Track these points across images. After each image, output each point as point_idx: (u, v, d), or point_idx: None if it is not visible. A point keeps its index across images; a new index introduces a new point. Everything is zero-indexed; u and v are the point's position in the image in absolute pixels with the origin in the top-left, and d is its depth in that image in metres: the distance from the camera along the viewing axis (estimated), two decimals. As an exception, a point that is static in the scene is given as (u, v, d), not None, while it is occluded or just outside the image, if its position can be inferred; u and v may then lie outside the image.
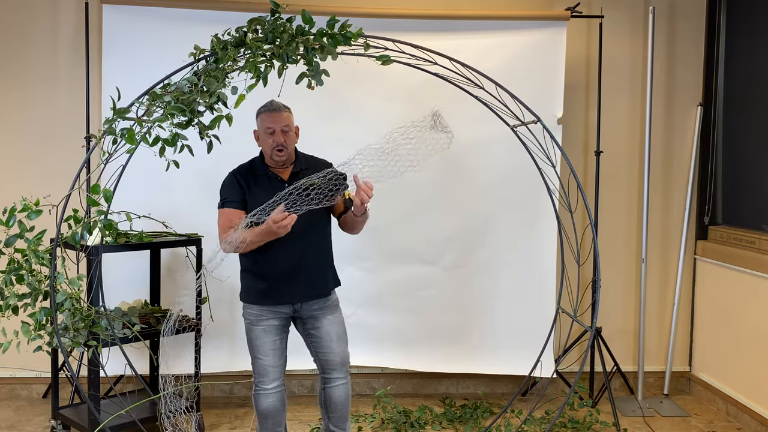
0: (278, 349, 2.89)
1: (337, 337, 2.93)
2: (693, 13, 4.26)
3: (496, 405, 4.04)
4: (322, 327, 2.92)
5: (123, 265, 3.76)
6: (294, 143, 2.92)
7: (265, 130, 2.85)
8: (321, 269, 2.93)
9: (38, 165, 3.99)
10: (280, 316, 2.89)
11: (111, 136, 2.53)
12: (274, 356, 2.87)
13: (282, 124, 2.83)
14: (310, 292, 2.89)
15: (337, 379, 2.95)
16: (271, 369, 2.86)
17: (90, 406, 2.99)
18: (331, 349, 2.92)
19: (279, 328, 2.89)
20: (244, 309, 2.94)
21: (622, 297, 4.34)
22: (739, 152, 4.02)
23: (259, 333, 2.86)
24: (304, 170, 2.90)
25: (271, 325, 2.87)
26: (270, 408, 2.88)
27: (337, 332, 2.93)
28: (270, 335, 2.86)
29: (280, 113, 2.84)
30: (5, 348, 2.74)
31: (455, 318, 4.07)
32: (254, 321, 2.88)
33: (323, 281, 2.94)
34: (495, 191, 4.01)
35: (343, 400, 2.97)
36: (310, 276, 2.88)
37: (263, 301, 2.87)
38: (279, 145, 2.83)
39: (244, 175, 2.91)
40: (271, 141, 2.84)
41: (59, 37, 3.97)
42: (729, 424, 3.85)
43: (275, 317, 2.88)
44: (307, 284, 2.88)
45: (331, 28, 2.59)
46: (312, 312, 2.92)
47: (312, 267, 2.89)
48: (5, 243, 2.69)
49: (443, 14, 3.93)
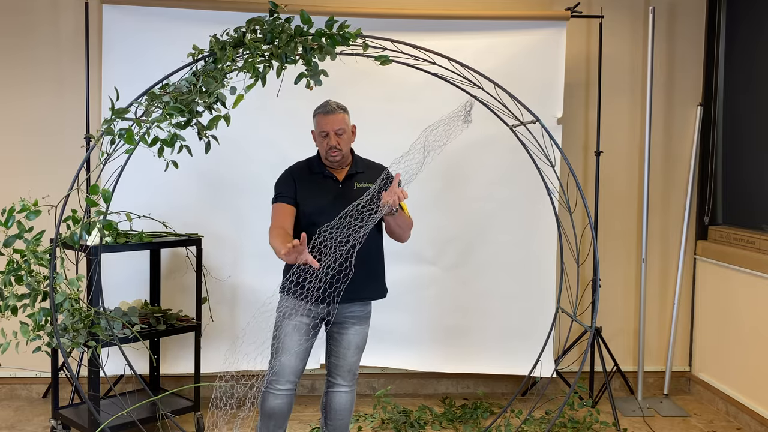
0: (302, 351, 2.77)
1: (356, 347, 2.88)
2: (693, 13, 4.26)
3: (496, 405, 4.04)
4: (346, 334, 2.85)
5: (123, 265, 3.76)
6: (349, 144, 2.87)
7: (320, 133, 2.83)
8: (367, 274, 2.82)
9: (37, 165, 3.99)
10: (311, 316, 2.76)
11: (110, 136, 2.54)
12: (296, 358, 2.76)
13: (336, 127, 2.79)
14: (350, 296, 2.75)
15: (341, 386, 2.91)
16: (288, 370, 2.76)
17: (90, 407, 2.99)
18: (346, 357, 2.87)
19: (308, 329, 2.77)
20: (279, 302, 2.83)
21: (622, 297, 4.34)
22: (739, 152, 4.02)
23: (289, 331, 2.74)
24: (360, 173, 2.88)
25: (301, 323, 2.75)
26: (276, 409, 2.79)
27: (356, 343, 2.88)
28: (298, 334, 2.75)
29: (334, 115, 2.80)
30: (5, 348, 2.73)
31: (455, 318, 4.07)
32: (286, 315, 2.76)
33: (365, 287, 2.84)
34: (495, 191, 4.01)
35: (342, 407, 2.91)
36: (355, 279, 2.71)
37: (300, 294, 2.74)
38: (332, 147, 2.80)
39: (299, 172, 2.89)
40: (325, 143, 2.81)
41: (59, 37, 3.97)
42: (729, 424, 3.85)
43: (306, 315, 2.75)
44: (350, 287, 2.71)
45: (329, 29, 2.59)
46: (346, 317, 2.83)
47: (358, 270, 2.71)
48: (4, 243, 2.69)
49: (442, 14, 3.92)
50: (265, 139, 3.88)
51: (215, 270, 3.87)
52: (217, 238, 3.85)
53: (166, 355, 3.89)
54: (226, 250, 3.90)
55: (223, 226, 3.90)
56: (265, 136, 3.88)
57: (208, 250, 3.71)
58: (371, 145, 3.88)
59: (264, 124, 3.86)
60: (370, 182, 2.80)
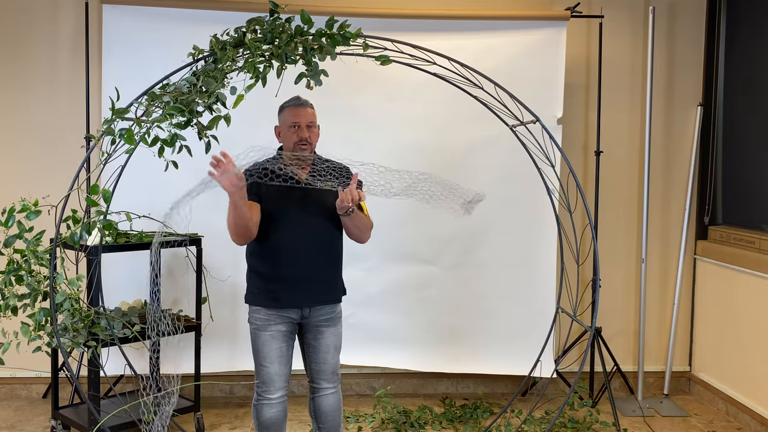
0: (285, 356, 2.78)
1: (334, 348, 2.88)
2: (693, 13, 4.26)
3: (496, 405, 4.03)
4: (323, 339, 2.84)
5: (123, 265, 3.76)
6: (316, 140, 2.85)
7: (290, 125, 2.80)
8: (332, 274, 2.87)
9: (37, 165, 3.99)
10: (288, 321, 2.78)
11: (110, 136, 2.54)
12: (281, 364, 2.76)
13: (307, 120, 2.79)
14: (321, 297, 2.81)
15: (327, 389, 2.89)
16: (276, 378, 2.76)
17: (90, 407, 2.99)
18: (327, 361, 2.86)
19: (286, 334, 2.78)
20: (251, 314, 2.82)
21: (622, 297, 4.34)
22: (739, 152, 4.02)
23: (267, 339, 2.75)
24: (321, 174, 2.84)
25: (278, 331, 2.76)
26: (272, 419, 2.77)
27: (335, 344, 2.88)
28: (277, 342, 2.75)
29: (305, 108, 2.80)
30: (5, 348, 2.73)
31: (455, 318, 4.07)
32: (261, 327, 2.77)
33: (334, 287, 2.87)
34: (495, 191, 3.99)
35: (332, 409, 2.89)
36: (322, 280, 2.81)
37: (272, 305, 2.76)
38: (303, 139, 2.78)
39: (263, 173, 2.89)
40: (295, 136, 2.78)
41: (59, 37, 3.97)
42: (729, 424, 3.85)
43: (283, 322, 2.77)
44: (318, 289, 2.80)
45: (329, 29, 2.59)
46: (318, 321, 2.83)
47: (323, 271, 2.82)
48: (4, 243, 2.69)
49: (443, 14, 3.92)
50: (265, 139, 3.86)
51: (215, 270, 3.87)
52: (217, 238, 3.83)
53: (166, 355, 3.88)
54: (226, 250, 3.88)
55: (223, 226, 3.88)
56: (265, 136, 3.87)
57: (208, 250, 3.71)
58: (371, 145, 3.90)
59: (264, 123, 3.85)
60: (332, 181, 2.77)
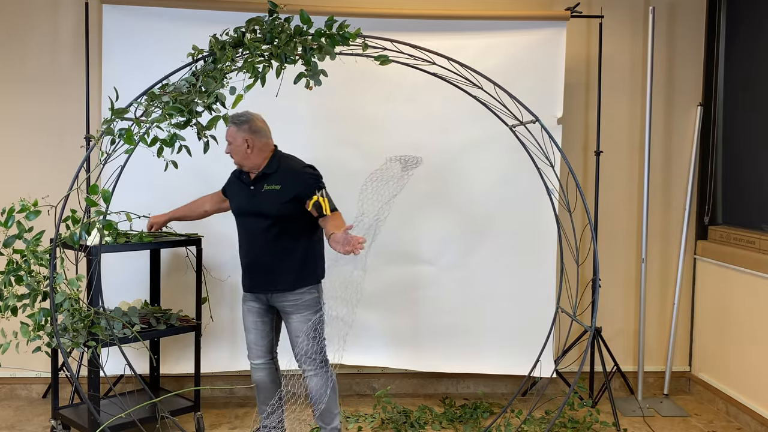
0: (260, 330, 3.19)
1: (304, 334, 3.06)
2: (693, 13, 4.26)
3: (496, 405, 4.03)
4: (290, 323, 3.12)
5: (123, 265, 3.76)
6: (240, 155, 3.07)
7: None
8: (285, 264, 3.07)
9: (37, 165, 3.99)
10: (258, 301, 3.17)
11: (109, 136, 2.54)
12: (256, 335, 3.19)
13: (228, 137, 3.07)
14: (275, 286, 3.08)
15: (307, 371, 3.10)
16: (254, 346, 3.20)
17: (90, 407, 2.99)
18: (296, 344, 3.09)
19: (260, 311, 3.17)
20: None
21: (622, 297, 4.34)
22: (739, 152, 4.02)
23: (245, 311, 3.21)
24: (270, 174, 3.08)
25: (252, 306, 3.18)
26: (258, 381, 3.23)
27: (304, 330, 3.07)
28: (252, 315, 3.19)
29: (228, 128, 3.04)
30: (5, 349, 2.74)
31: (455, 318, 4.06)
32: (243, 300, 3.23)
33: (289, 277, 3.07)
34: (494, 191, 4.01)
35: (314, 391, 3.10)
36: (274, 270, 3.07)
37: (244, 285, 3.21)
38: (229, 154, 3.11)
39: (235, 173, 3.27)
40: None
41: (59, 37, 3.97)
42: (729, 424, 3.85)
43: (254, 300, 3.18)
44: (271, 278, 3.08)
45: (329, 28, 2.59)
46: (284, 307, 3.11)
47: (275, 261, 3.06)
48: (4, 243, 2.69)
49: (442, 14, 3.92)
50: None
51: (215, 270, 3.87)
52: (217, 238, 3.85)
53: (166, 355, 3.89)
54: (226, 250, 3.89)
55: (223, 226, 3.89)
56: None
57: (208, 250, 3.71)
58: (371, 145, 3.90)
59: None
60: (279, 184, 3.02)
